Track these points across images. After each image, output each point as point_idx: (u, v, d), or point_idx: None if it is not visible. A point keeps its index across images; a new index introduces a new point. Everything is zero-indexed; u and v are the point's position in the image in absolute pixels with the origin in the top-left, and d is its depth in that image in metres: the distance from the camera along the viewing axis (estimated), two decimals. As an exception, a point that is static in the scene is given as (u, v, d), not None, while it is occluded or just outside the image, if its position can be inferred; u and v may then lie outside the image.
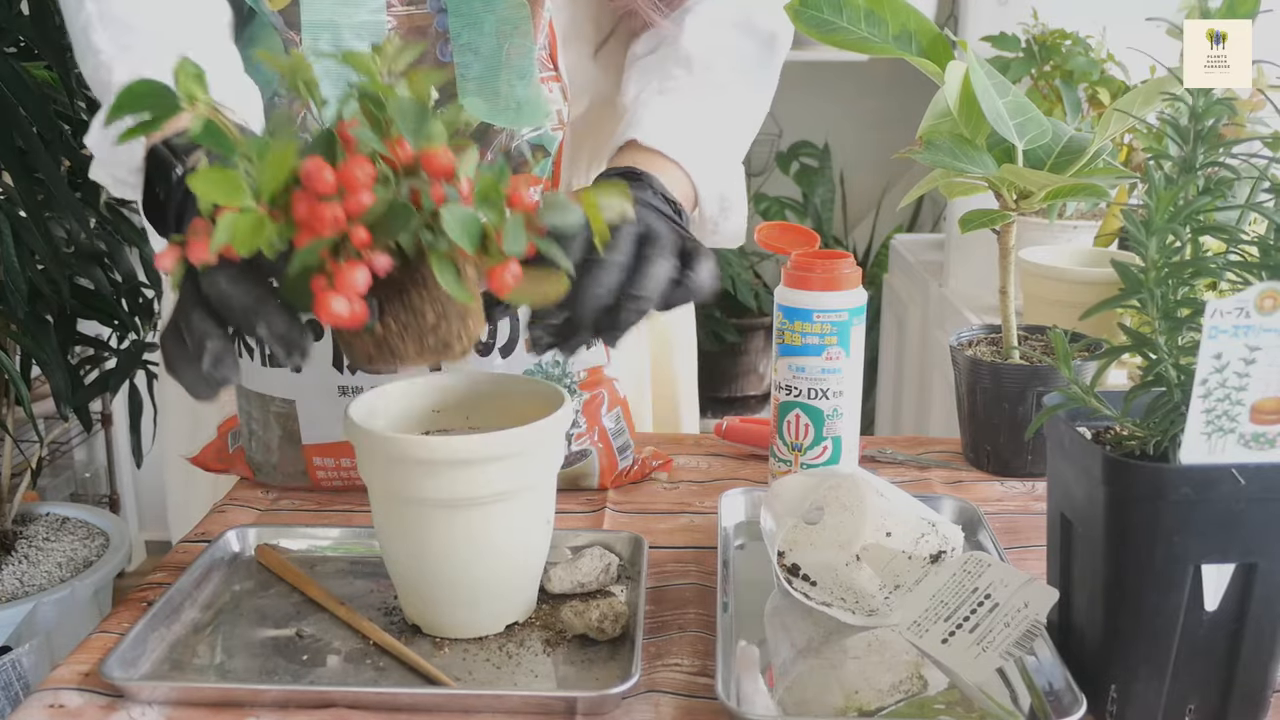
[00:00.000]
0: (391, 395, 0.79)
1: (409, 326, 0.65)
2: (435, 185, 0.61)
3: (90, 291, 1.81)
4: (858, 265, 0.89)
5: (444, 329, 0.66)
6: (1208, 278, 0.67)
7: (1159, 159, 0.67)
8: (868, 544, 0.81)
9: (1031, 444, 1.00)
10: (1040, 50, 1.66)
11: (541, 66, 0.94)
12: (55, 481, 2.55)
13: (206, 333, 0.64)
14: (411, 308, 0.65)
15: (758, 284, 3.29)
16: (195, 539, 0.90)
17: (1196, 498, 0.61)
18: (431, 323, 0.65)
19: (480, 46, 0.91)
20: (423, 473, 0.71)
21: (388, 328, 0.65)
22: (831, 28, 0.90)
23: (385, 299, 0.64)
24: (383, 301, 0.64)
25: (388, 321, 0.65)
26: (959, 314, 1.80)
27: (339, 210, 0.59)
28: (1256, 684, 0.65)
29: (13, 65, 1.55)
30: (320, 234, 0.59)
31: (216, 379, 0.65)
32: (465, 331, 0.67)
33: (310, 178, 0.59)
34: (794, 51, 1.07)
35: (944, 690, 0.70)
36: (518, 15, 0.91)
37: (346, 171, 0.60)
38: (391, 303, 0.64)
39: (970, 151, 0.89)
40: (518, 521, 0.74)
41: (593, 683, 0.70)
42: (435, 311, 0.65)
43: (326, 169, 0.59)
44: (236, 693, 0.68)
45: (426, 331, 0.66)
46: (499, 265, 0.63)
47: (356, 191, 0.60)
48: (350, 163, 0.60)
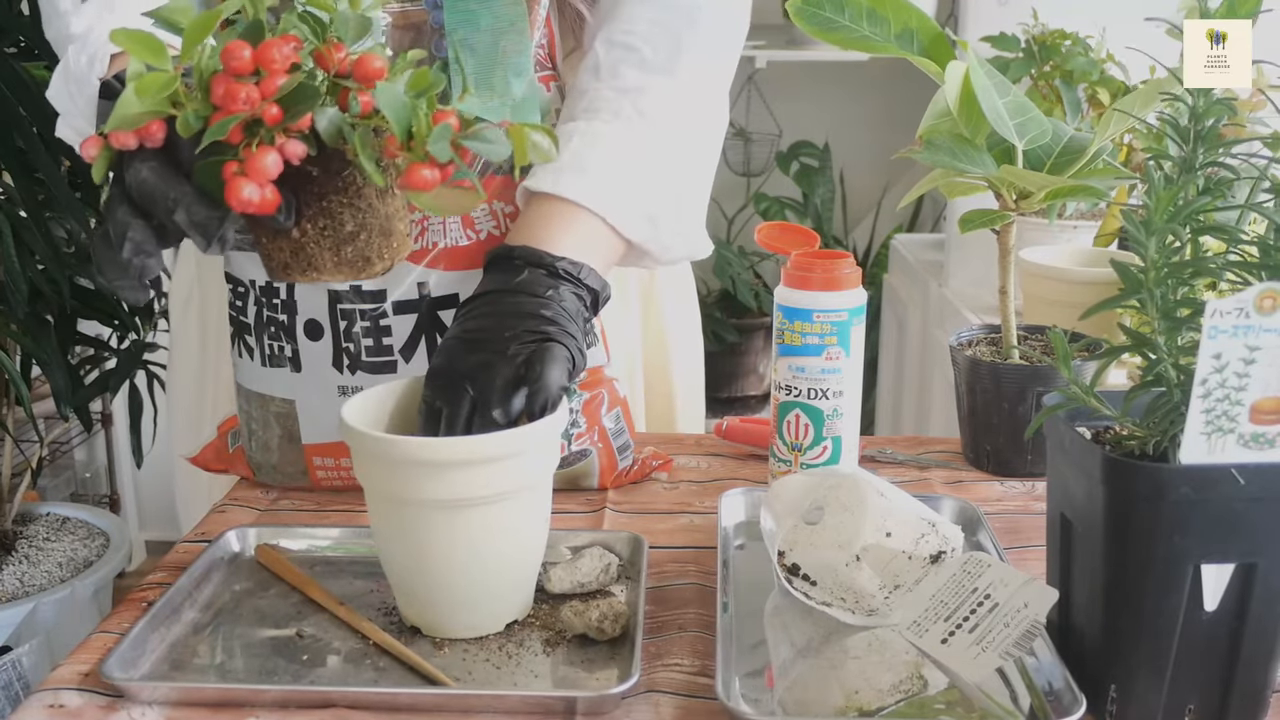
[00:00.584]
0: (386, 395, 0.79)
1: (326, 232, 0.65)
2: (364, 91, 0.61)
3: (90, 291, 1.81)
4: (858, 265, 0.89)
5: (363, 241, 0.66)
6: (1207, 278, 0.67)
7: (1159, 159, 0.67)
8: (868, 544, 0.81)
9: (1031, 444, 1.00)
10: (1040, 50, 1.66)
11: (540, 65, 0.94)
12: (55, 481, 2.55)
13: (128, 224, 0.65)
14: (330, 213, 0.64)
15: (758, 284, 3.29)
16: (195, 539, 0.90)
17: (1196, 498, 0.61)
18: (350, 231, 0.65)
19: (475, 43, 0.91)
20: (419, 474, 0.71)
21: (305, 233, 0.65)
22: (833, 26, 0.90)
23: (304, 203, 0.64)
24: (301, 206, 0.64)
25: (305, 226, 0.64)
26: (959, 314, 1.80)
27: (254, 90, 0.59)
28: (1256, 684, 0.65)
29: (13, 65, 1.55)
30: (233, 112, 0.59)
31: (137, 268, 0.65)
32: (387, 248, 0.67)
33: (229, 55, 0.59)
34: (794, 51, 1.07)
35: (944, 690, 0.70)
36: (514, 12, 0.91)
37: (264, 51, 0.60)
38: (309, 207, 0.64)
39: (970, 151, 0.89)
40: (515, 522, 0.74)
41: (593, 683, 0.70)
42: (355, 221, 0.65)
43: (246, 48, 0.60)
44: (236, 693, 0.68)
45: (344, 240, 0.65)
46: (419, 163, 0.62)
47: (274, 73, 0.60)
48: (268, 44, 0.60)
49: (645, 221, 0.88)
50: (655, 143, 0.90)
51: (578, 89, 0.92)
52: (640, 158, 0.89)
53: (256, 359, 0.94)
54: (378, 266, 0.67)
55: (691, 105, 0.93)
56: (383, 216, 0.65)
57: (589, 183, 0.85)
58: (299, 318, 0.91)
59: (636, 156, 0.89)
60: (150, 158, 0.64)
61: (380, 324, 0.91)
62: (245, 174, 0.60)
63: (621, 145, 0.88)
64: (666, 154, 0.91)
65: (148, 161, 0.64)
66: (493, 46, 0.91)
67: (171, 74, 0.60)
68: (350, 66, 0.62)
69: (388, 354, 0.91)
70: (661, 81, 0.91)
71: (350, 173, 0.64)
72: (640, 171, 0.89)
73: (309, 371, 0.92)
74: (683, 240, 0.92)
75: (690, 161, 0.93)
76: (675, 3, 0.92)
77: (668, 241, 0.90)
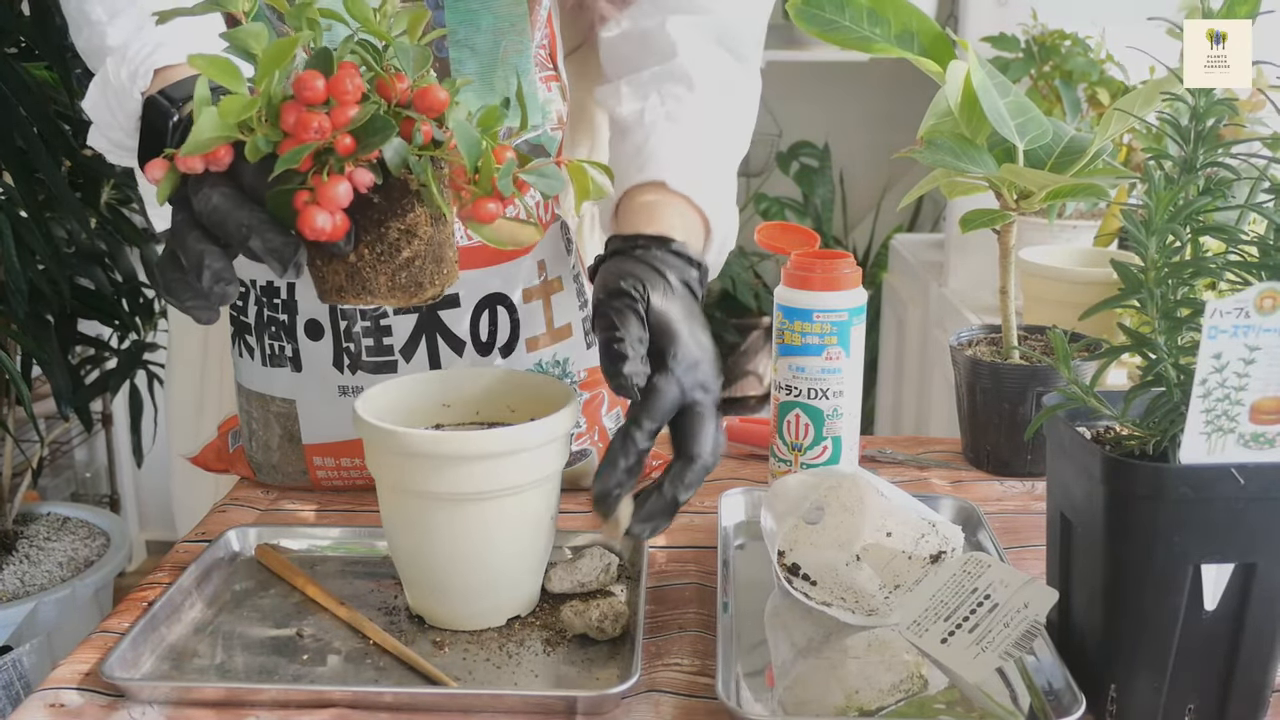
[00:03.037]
0: (400, 389, 0.80)
1: (382, 257, 0.66)
2: (425, 122, 0.63)
3: (90, 291, 1.81)
4: (858, 265, 0.89)
5: (417, 267, 0.67)
6: (1207, 278, 0.67)
7: (1159, 159, 0.67)
8: (868, 544, 0.81)
9: (1031, 444, 1.00)
10: (1040, 50, 1.66)
11: (541, 65, 0.94)
12: (56, 481, 2.55)
13: (204, 251, 0.65)
14: (387, 239, 0.65)
15: (758, 284, 3.29)
16: (195, 539, 0.90)
17: (1196, 497, 0.61)
18: (406, 257, 0.66)
19: (476, 43, 0.91)
20: (430, 467, 0.71)
21: (361, 257, 0.65)
22: (834, 26, 0.90)
23: (363, 228, 0.65)
24: (360, 230, 0.65)
25: (362, 251, 0.65)
26: (959, 314, 1.80)
27: (325, 120, 0.60)
28: (1256, 683, 0.65)
29: (13, 65, 1.55)
30: (305, 141, 0.60)
31: (218, 296, 0.66)
32: (438, 274, 0.68)
33: (301, 84, 0.60)
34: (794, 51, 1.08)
35: (944, 690, 0.70)
36: (514, 12, 0.91)
37: (336, 82, 0.61)
38: (368, 233, 0.65)
39: (971, 151, 0.89)
40: (524, 516, 0.74)
41: (593, 683, 0.70)
42: (411, 247, 0.66)
43: (318, 78, 0.60)
44: (236, 693, 0.68)
45: (399, 266, 0.66)
46: (485, 197, 0.64)
47: (344, 103, 0.61)
48: (340, 74, 0.61)
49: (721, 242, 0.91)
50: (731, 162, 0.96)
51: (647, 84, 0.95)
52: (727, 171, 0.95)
53: (257, 359, 0.94)
54: (429, 291, 0.68)
55: (745, 133, 0.99)
56: (436, 243, 0.66)
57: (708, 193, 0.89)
58: (299, 317, 0.91)
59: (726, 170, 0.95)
60: (219, 183, 0.64)
61: (380, 324, 0.91)
62: (317, 202, 0.61)
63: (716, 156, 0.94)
64: (734, 173, 0.97)
65: (218, 187, 0.64)
66: (493, 46, 0.91)
67: (251, 98, 0.61)
68: (412, 97, 0.63)
69: (388, 354, 0.91)
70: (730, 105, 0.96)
71: (409, 200, 0.65)
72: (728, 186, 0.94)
73: (309, 371, 0.92)
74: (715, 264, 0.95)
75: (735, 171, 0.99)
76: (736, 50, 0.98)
77: (716, 262, 0.93)
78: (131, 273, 1.87)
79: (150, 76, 0.79)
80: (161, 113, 0.76)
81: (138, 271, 1.89)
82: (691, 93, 0.94)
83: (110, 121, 0.82)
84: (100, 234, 1.81)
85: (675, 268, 0.80)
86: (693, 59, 0.95)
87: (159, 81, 0.79)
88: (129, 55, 0.81)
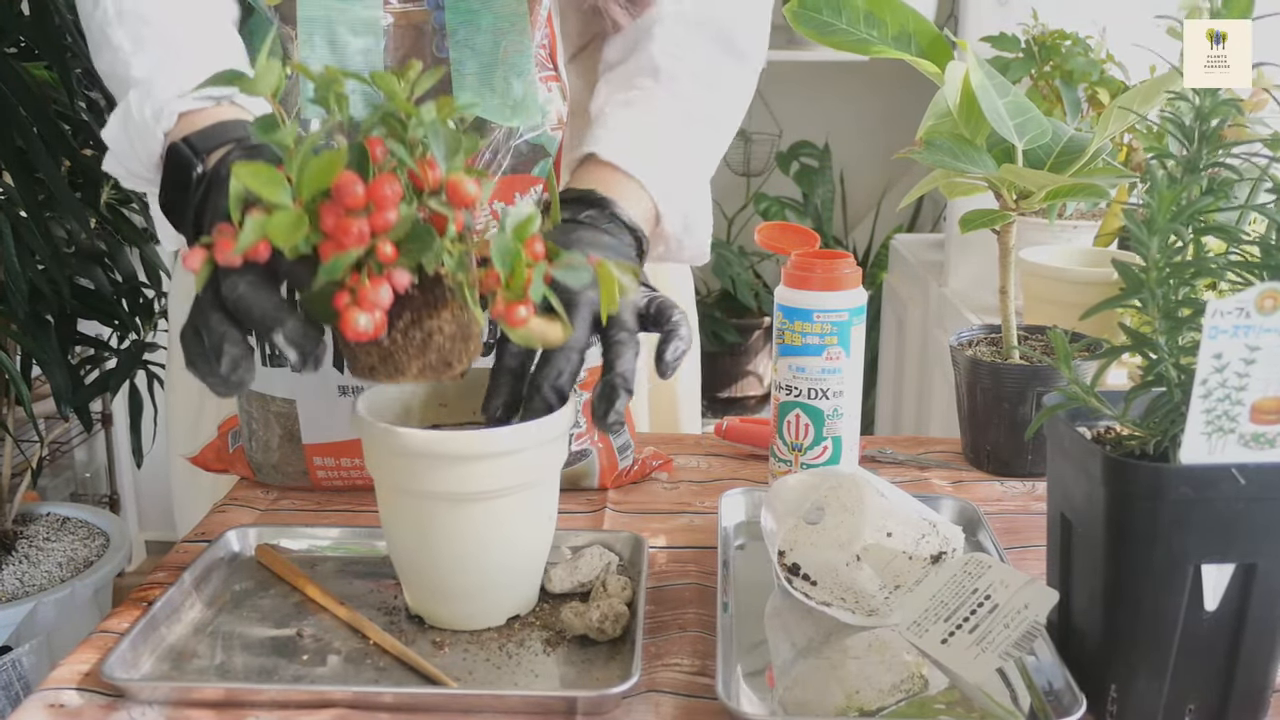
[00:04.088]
0: (400, 389, 0.80)
1: (414, 342, 0.67)
2: (458, 214, 0.64)
3: (90, 291, 1.81)
4: (858, 265, 0.89)
5: (447, 349, 0.68)
6: (1208, 278, 0.67)
7: (1161, 158, 0.67)
8: (868, 544, 0.81)
9: (1031, 444, 1.00)
10: (1040, 50, 1.66)
11: (541, 65, 0.94)
12: (55, 481, 2.55)
13: (225, 336, 0.66)
14: (420, 325, 0.67)
15: (758, 284, 3.29)
16: (195, 539, 0.90)
17: (1196, 498, 0.61)
18: (437, 342, 0.68)
19: (477, 43, 0.91)
20: (428, 467, 0.71)
21: (395, 342, 0.67)
22: (831, 29, 0.91)
23: (397, 316, 0.66)
24: (394, 319, 0.66)
25: (395, 337, 0.67)
26: (959, 314, 1.80)
27: (366, 225, 0.61)
28: (1256, 684, 0.65)
29: (13, 65, 1.55)
30: (346, 247, 0.61)
31: (234, 383, 0.67)
32: (466, 352, 0.69)
33: (341, 191, 0.61)
34: (794, 51, 1.08)
35: (944, 690, 0.70)
36: (515, 12, 0.91)
37: (376, 188, 0.62)
38: (400, 319, 0.66)
39: (970, 151, 0.89)
40: (522, 516, 0.74)
41: (593, 683, 0.70)
42: (442, 333, 0.67)
43: (358, 183, 0.61)
44: (236, 693, 0.68)
45: (431, 349, 0.68)
46: (517, 301, 0.66)
47: (384, 208, 0.62)
48: (380, 180, 0.62)
49: (680, 217, 0.93)
50: (694, 149, 0.97)
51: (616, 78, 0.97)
52: (683, 154, 0.96)
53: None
54: (456, 369, 0.70)
55: (723, 126, 1.01)
56: (465, 325, 0.68)
57: (646, 164, 0.90)
58: (299, 318, 0.91)
59: (683, 153, 0.95)
60: (247, 271, 0.65)
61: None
62: (359, 304, 0.62)
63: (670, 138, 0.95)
64: (699, 161, 0.98)
65: (245, 276, 0.65)
66: (494, 46, 0.91)
67: (300, 214, 0.62)
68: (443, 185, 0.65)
69: (388, 354, 0.91)
70: (709, 97, 0.98)
71: (442, 291, 0.66)
72: (683, 167, 0.95)
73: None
74: (691, 248, 0.97)
75: (707, 175, 0.99)
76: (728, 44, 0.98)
77: (685, 242, 0.95)
78: (131, 273, 1.87)
79: (175, 119, 0.80)
80: (185, 162, 0.77)
81: (138, 271, 1.89)
82: (656, 83, 0.96)
83: (129, 154, 0.83)
84: (100, 234, 1.81)
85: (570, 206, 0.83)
86: (665, 51, 0.96)
87: (184, 126, 0.80)
88: (154, 92, 0.82)
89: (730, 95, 1.01)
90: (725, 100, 1.00)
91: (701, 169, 0.98)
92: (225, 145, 0.77)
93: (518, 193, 0.94)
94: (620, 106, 0.95)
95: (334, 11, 0.89)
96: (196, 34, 0.87)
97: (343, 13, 0.89)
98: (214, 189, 0.74)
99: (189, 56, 0.85)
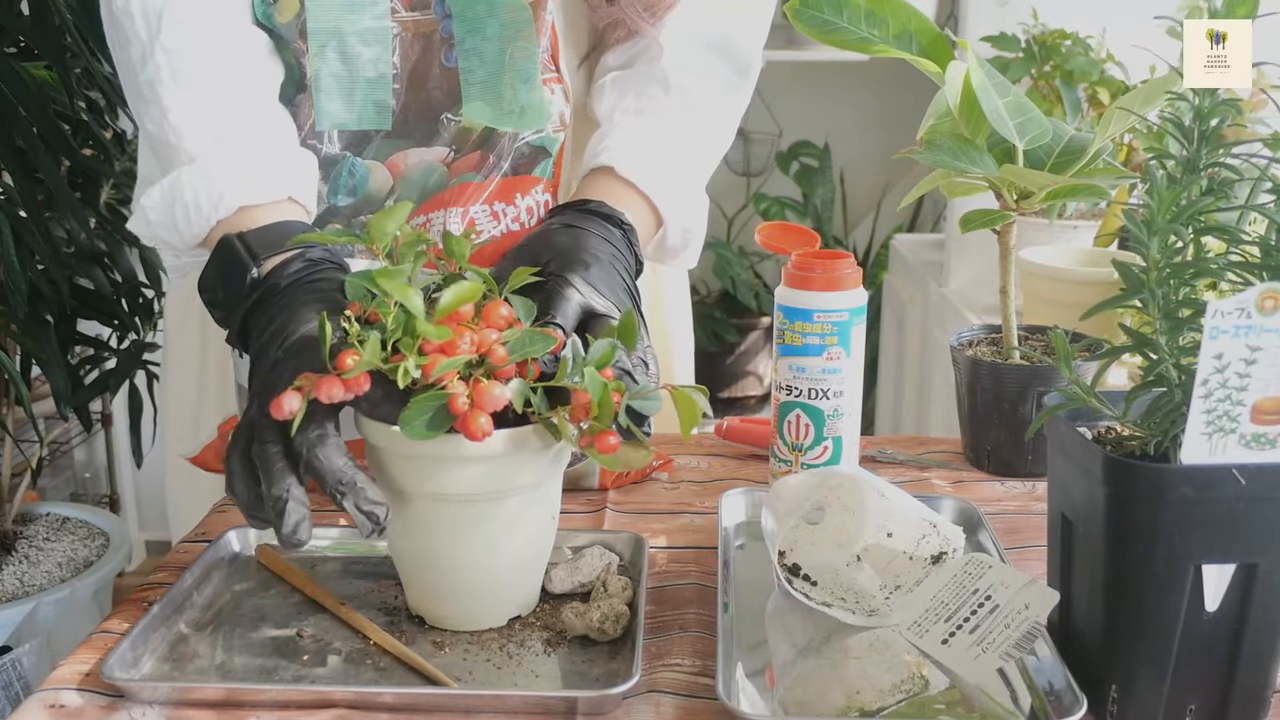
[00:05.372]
0: None
1: None
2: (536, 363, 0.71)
3: (90, 291, 1.81)
4: (858, 265, 0.89)
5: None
6: (1208, 278, 0.67)
7: (1161, 158, 0.67)
8: (868, 544, 0.81)
9: (1031, 444, 1.00)
10: (1040, 50, 1.66)
11: (544, 68, 0.94)
12: (55, 481, 2.55)
13: (289, 493, 0.66)
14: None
15: (758, 284, 3.29)
16: (195, 539, 0.90)
17: (1197, 498, 0.61)
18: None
19: (484, 51, 0.91)
20: (430, 468, 0.71)
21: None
22: (832, 28, 0.90)
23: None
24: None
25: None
26: (959, 314, 1.80)
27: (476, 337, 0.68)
28: (1257, 684, 0.65)
29: (13, 65, 1.55)
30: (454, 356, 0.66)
31: (293, 543, 0.67)
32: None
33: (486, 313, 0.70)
34: (794, 51, 1.09)
35: (945, 690, 0.70)
36: (520, 19, 0.91)
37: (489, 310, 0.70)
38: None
39: (970, 152, 0.89)
40: (524, 517, 0.74)
41: (593, 683, 0.70)
42: None
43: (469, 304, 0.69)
44: (236, 693, 0.68)
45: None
46: (606, 431, 0.69)
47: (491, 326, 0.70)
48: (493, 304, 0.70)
49: (680, 232, 0.97)
50: (698, 161, 1.00)
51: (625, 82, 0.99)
52: (689, 168, 0.99)
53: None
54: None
55: (723, 137, 1.04)
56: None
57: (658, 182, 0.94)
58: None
59: (689, 166, 0.99)
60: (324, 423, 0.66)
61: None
62: (474, 405, 0.66)
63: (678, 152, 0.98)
64: (702, 173, 1.01)
65: (325, 431, 0.66)
66: (500, 53, 0.92)
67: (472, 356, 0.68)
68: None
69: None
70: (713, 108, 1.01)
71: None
72: (688, 181, 0.98)
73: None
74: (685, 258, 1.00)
75: (705, 185, 1.02)
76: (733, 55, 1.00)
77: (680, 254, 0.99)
78: (131, 273, 1.87)
79: (233, 210, 0.79)
80: (239, 262, 0.77)
81: (137, 271, 1.89)
82: (666, 94, 0.97)
83: (169, 227, 0.82)
84: (100, 234, 1.81)
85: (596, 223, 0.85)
86: (675, 63, 0.97)
87: (240, 219, 0.79)
88: (210, 175, 0.81)
89: (732, 109, 1.03)
90: (727, 114, 1.02)
91: (701, 180, 1.01)
92: (283, 253, 0.77)
93: (518, 193, 0.94)
94: (631, 114, 0.97)
95: (343, 23, 0.89)
96: (248, 103, 0.87)
97: (352, 23, 0.89)
98: (274, 306, 0.74)
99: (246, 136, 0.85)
